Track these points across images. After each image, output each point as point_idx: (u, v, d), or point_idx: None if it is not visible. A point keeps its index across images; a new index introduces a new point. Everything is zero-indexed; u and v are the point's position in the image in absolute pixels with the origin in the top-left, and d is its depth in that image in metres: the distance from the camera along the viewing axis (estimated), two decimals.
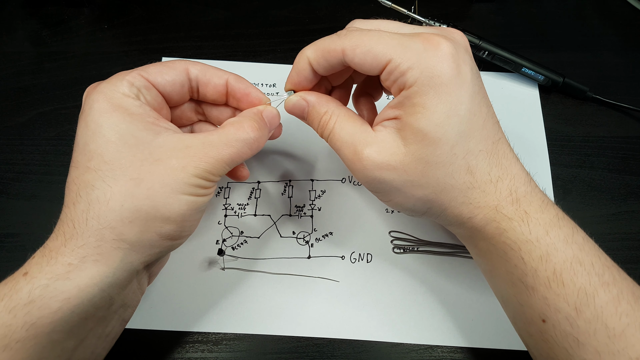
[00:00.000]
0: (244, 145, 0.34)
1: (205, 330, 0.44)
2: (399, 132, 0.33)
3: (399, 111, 0.33)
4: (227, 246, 0.48)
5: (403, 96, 0.32)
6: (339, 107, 0.36)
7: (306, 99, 0.36)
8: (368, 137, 0.33)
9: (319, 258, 0.47)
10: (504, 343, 0.44)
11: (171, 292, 0.45)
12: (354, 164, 0.34)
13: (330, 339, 0.44)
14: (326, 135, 0.36)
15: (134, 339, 0.44)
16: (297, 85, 0.37)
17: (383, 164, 0.32)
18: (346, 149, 0.34)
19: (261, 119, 0.36)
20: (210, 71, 0.37)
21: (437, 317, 0.45)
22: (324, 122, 0.36)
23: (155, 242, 0.32)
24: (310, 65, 0.35)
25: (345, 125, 0.35)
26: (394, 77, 0.32)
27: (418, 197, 0.33)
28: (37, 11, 0.62)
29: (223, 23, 0.62)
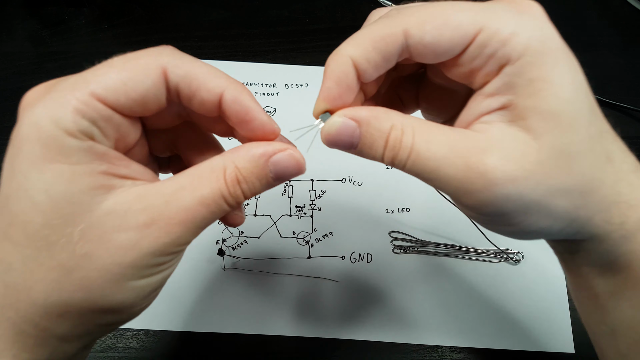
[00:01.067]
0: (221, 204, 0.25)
1: (204, 330, 0.44)
2: (515, 123, 0.24)
3: (507, 96, 0.24)
4: (227, 246, 0.48)
5: (509, 74, 0.23)
6: (403, 115, 0.26)
7: (356, 117, 0.25)
8: (479, 142, 0.24)
9: (319, 258, 0.47)
10: (504, 343, 0.44)
11: (171, 292, 0.45)
12: (472, 183, 0.23)
13: (330, 339, 0.44)
14: (403, 158, 0.25)
15: (133, 340, 0.44)
16: (336, 100, 0.26)
17: (517, 172, 0.23)
18: (450, 167, 0.24)
19: (264, 169, 0.25)
20: (198, 80, 0.25)
21: (437, 317, 0.45)
22: (394, 141, 0.25)
23: (94, 331, 0.25)
24: (356, 67, 0.25)
25: (432, 136, 0.24)
26: (489, 51, 0.23)
27: (561, 208, 0.24)
28: (37, 11, 0.62)
29: (223, 23, 0.62)
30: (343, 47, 0.25)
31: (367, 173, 0.52)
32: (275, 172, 0.26)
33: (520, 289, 0.46)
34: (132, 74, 0.24)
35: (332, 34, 0.61)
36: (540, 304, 0.45)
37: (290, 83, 0.57)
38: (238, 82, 0.26)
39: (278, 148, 0.26)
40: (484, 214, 0.25)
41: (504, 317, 0.45)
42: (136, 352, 0.43)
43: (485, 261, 0.47)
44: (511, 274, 0.47)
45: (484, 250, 0.47)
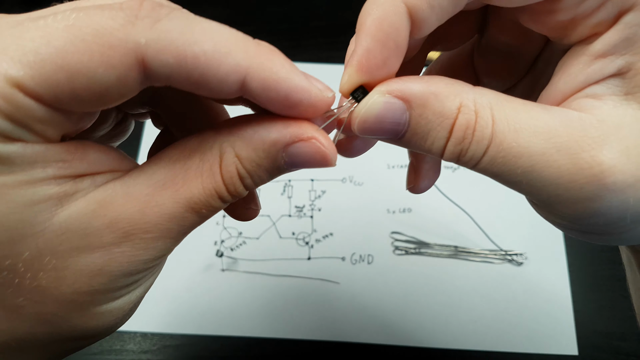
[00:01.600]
0: (214, 204, 0.19)
1: (202, 332, 0.43)
2: (632, 98, 0.18)
3: (624, 58, 0.18)
4: (225, 247, 0.47)
5: (633, 24, 0.17)
6: (473, 88, 0.19)
7: (406, 95, 0.18)
8: (589, 128, 0.17)
9: (319, 259, 0.47)
10: (507, 345, 0.43)
11: (168, 294, 0.45)
12: (581, 188, 0.17)
13: (331, 342, 0.43)
14: (477, 154, 0.18)
15: (130, 342, 0.43)
16: (379, 69, 0.18)
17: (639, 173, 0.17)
18: (549, 168, 0.17)
19: (276, 160, 0.19)
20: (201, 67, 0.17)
21: (439, 319, 0.44)
22: (464, 128, 0.18)
23: (65, 354, 0.21)
24: (412, 14, 0.18)
25: (522, 120, 0.18)
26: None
27: None
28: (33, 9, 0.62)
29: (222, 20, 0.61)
30: None
31: (368, 172, 0.51)
32: (292, 162, 0.19)
33: (523, 291, 0.45)
34: (84, 62, 0.15)
35: (332, 31, 0.61)
36: (544, 305, 0.45)
37: None
38: (266, 51, 0.18)
39: (298, 134, 0.19)
40: (586, 224, 0.19)
41: (506, 319, 0.44)
42: (133, 354, 0.43)
43: (488, 262, 0.47)
44: (514, 276, 0.46)
45: (487, 251, 0.47)
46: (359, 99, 0.18)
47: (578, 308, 0.45)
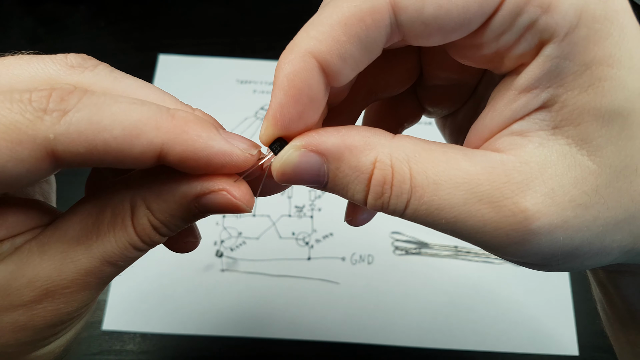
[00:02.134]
0: (130, 255, 0.20)
1: (202, 333, 0.43)
2: (563, 132, 0.17)
3: (547, 90, 0.17)
4: (225, 247, 0.47)
5: (554, 56, 0.16)
6: (391, 139, 0.18)
7: (321, 149, 0.18)
8: (511, 172, 0.17)
9: (319, 259, 0.47)
10: (508, 346, 0.43)
11: (168, 295, 0.45)
12: (507, 235, 0.17)
13: (331, 342, 0.43)
14: (399, 208, 0.18)
15: (129, 342, 0.43)
16: (294, 123, 0.18)
17: (567, 213, 0.17)
18: (473, 218, 0.17)
19: (189, 210, 0.19)
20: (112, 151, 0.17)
21: (439, 319, 0.44)
22: (381, 184, 0.18)
23: None
24: (323, 67, 0.17)
25: (441, 171, 0.17)
26: (525, 21, 0.16)
27: (617, 243, 0.18)
28: (33, 9, 0.62)
29: (221, 19, 0.61)
30: (300, 39, 0.18)
31: None
32: (205, 210, 0.19)
33: (524, 291, 0.45)
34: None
35: None
36: (544, 306, 0.45)
37: None
38: (181, 124, 0.18)
39: (208, 187, 0.19)
40: (522, 263, 0.19)
41: (507, 319, 0.44)
42: (133, 355, 0.43)
43: (488, 263, 0.47)
44: (514, 276, 0.46)
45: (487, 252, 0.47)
46: (276, 151, 0.18)
47: (578, 308, 0.45)
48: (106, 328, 0.43)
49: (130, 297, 0.45)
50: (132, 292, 0.45)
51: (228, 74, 0.57)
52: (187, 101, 0.55)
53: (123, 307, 0.44)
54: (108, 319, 0.44)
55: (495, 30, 0.16)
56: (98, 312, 0.44)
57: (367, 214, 0.26)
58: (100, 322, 0.44)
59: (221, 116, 0.58)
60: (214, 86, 0.56)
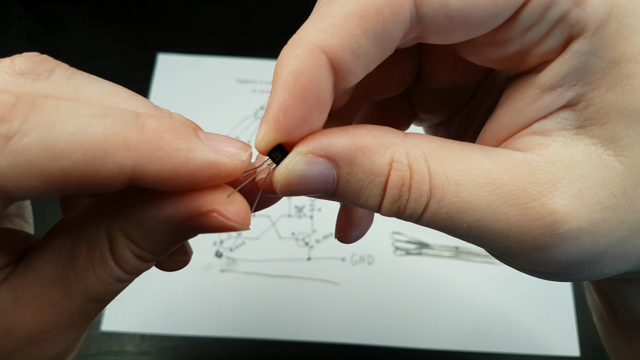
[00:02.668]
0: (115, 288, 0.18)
1: (201, 334, 0.43)
2: (588, 132, 0.16)
3: (573, 89, 0.16)
4: (225, 248, 0.47)
5: (582, 52, 0.15)
6: (404, 138, 0.17)
7: (331, 154, 0.16)
8: (537, 173, 0.16)
9: (319, 260, 0.46)
10: (509, 346, 0.43)
11: (168, 295, 0.45)
12: (534, 239, 0.16)
13: (330, 343, 0.43)
14: (417, 212, 0.17)
15: (128, 343, 0.43)
16: (298, 128, 0.16)
17: (595, 215, 0.16)
18: (497, 220, 0.16)
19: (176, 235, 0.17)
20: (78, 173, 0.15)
21: (440, 320, 0.44)
22: (398, 186, 0.16)
23: None
24: (335, 66, 0.16)
25: (462, 171, 0.16)
26: (555, 15, 0.15)
27: (638, 249, 0.17)
28: (32, 8, 0.61)
29: (221, 18, 0.61)
30: (307, 32, 0.15)
31: None
32: (197, 231, 0.17)
33: (525, 292, 0.45)
34: None
35: None
36: (545, 306, 0.45)
37: None
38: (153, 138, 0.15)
39: (195, 208, 0.16)
40: (541, 270, 0.17)
41: (508, 320, 0.44)
42: (132, 355, 0.42)
43: (489, 263, 0.46)
44: (515, 276, 0.46)
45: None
46: (277, 160, 0.16)
47: (580, 309, 0.44)
48: (105, 329, 0.43)
49: (129, 297, 0.45)
50: (131, 293, 0.45)
51: (227, 74, 0.57)
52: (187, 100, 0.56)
53: (122, 308, 0.44)
54: (107, 319, 0.44)
55: (523, 24, 0.15)
56: None
57: (360, 230, 0.23)
58: (99, 322, 0.43)
59: (221, 116, 0.58)
60: (213, 86, 0.56)
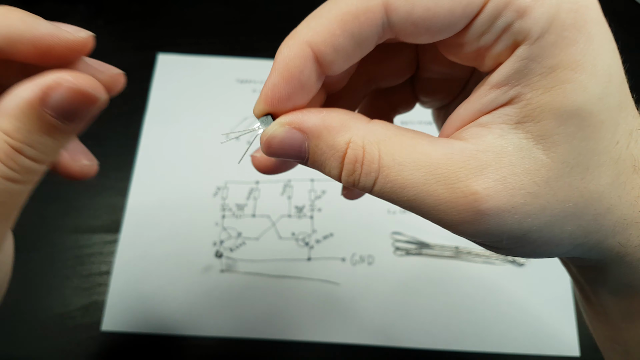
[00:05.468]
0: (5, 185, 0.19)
1: (202, 334, 0.43)
2: (523, 127, 0.18)
3: (514, 88, 0.18)
4: (225, 248, 0.47)
5: (523, 57, 0.18)
6: (366, 123, 0.20)
7: (303, 127, 0.20)
8: (468, 158, 0.19)
9: (319, 260, 0.46)
10: (509, 347, 0.43)
11: (168, 295, 0.44)
12: (459, 213, 0.19)
13: (331, 343, 0.43)
14: (367, 184, 0.20)
15: (131, 343, 0.43)
16: (282, 102, 0.20)
17: (516, 200, 0.18)
18: (430, 196, 0.19)
19: (44, 118, 0.19)
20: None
21: (439, 321, 0.44)
22: (353, 162, 0.20)
23: None
24: (316, 56, 0.19)
25: (406, 155, 0.19)
26: (502, 24, 0.18)
27: (567, 234, 0.19)
28: (31, 8, 0.61)
29: (221, 18, 0.61)
30: (301, 28, 0.19)
31: None
32: (61, 114, 0.19)
33: (525, 292, 0.45)
34: None
35: None
36: (545, 306, 0.45)
37: None
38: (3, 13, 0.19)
39: (45, 84, 0.18)
40: (476, 242, 0.21)
41: (508, 320, 0.44)
42: (132, 356, 0.42)
43: (490, 263, 0.46)
44: (515, 277, 0.46)
45: (488, 252, 0.47)
46: (266, 125, 0.21)
47: (580, 309, 0.44)
48: (105, 329, 0.43)
49: (129, 298, 0.44)
50: (131, 294, 0.45)
51: (228, 74, 0.57)
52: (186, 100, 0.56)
53: (122, 308, 0.44)
54: (107, 320, 0.43)
55: (476, 31, 0.18)
56: (97, 313, 0.44)
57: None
58: (99, 323, 0.43)
59: (221, 115, 0.58)
60: (213, 85, 0.56)
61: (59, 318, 0.44)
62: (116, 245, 0.46)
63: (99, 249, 0.46)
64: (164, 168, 0.50)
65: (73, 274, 0.46)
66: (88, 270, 0.46)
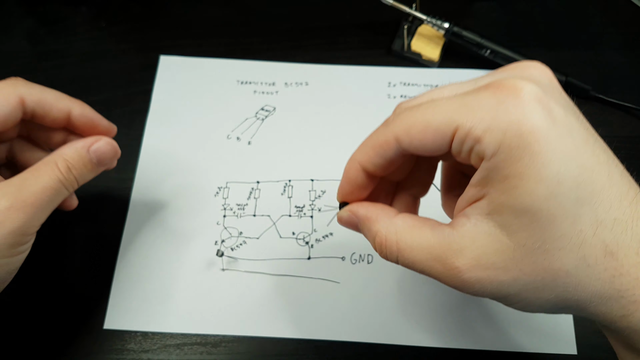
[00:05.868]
0: (60, 188, 0.33)
1: (203, 332, 0.44)
2: (491, 218, 0.24)
3: (484, 189, 0.24)
4: (226, 247, 0.47)
5: (486, 169, 0.24)
6: (392, 218, 0.28)
7: (356, 214, 0.30)
8: (452, 242, 0.25)
9: (319, 259, 0.47)
10: (506, 345, 0.43)
11: (169, 293, 0.45)
12: (451, 280, 0.26)
13: (331, 341, 0.43)
14: (393, 260, 0.28)
15: (130, 341, 0.43)
16: (350, 195, 0.30)
17: (489, 273, 0.24)
18: (431, 269, 0.26)
19: (87, 156, 0.35)
20: (49, 101, 0.35)
21: (438, 318, 0.44)
22: (380, 244, 0.28)
23: None
24: (363, 169, 0.29)
25: (413, 240, 0.27)
26: (467, 147, 0.24)
27: (546, 299, 0.25)
28: (34, 9, 0.62)
29: (222, 20, 0.61)
30: (355, 153, 0.29)
31: None
32: (97, 157, 0.36)
33: None
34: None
35: (332, 31, 0.61)
36: None
37: (289, 81, 0.57)
38: (80, 101, 0.37)
39: (96, 139, 0.36)
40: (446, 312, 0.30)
41: (505, 318, 0.44)
42: (134, 353, 0.43)
43: None
44: None
45: None
46: (340, 208, 0.32)
47: None
48: (107, 327, 0.44)
49: (131, 296, 0.45)
50: (133, 292, 0.45)
51: (228, 75, 0.57)
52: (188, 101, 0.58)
53: (124, 307, 0.44)
54: (109, 318, 0.44)
55: (455, 150, 0.25)
56: (99, 311, 0.44)
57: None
58: (101, 321, 0.44)
59: (222, 116, 0.58)
60: (214, 87, 0.56)
61: (61, 316, 0.44)
62: (119, 243, 0.47)
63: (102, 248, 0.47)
64: (166, 168, 0.51)
65: (76, 272, 0.46)
66: (90, 268, 0.46)
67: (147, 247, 0.47)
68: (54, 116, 0.35)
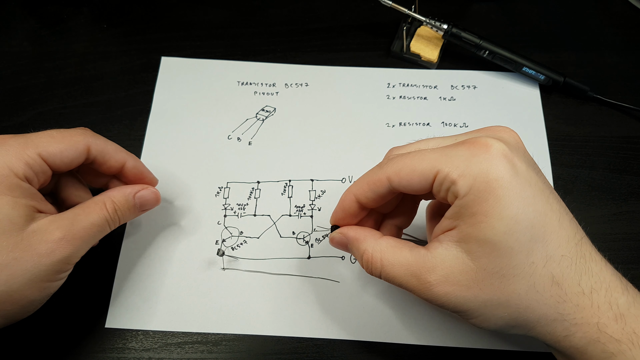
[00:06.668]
0: (105, 226, 0.38)
1: (204, 330, 0.44)
2: (459, 245, 0.30)
3: (455, 221, 0.30)
4: (226, 246, 0.48)
5: (458, 206, 0.29)
6: (377, 239, 0.34)
7: (347, 236, 0.36)
8: (426, 262, 0.31)
9: (318, 258, 0.47)
10: (504, 343, 0.43)
11: (170, 292, 0.45)
12: (423, 293, 0.31)
13: (330, 339, 0.44)
14: (377, 275, 0.33)
15: (132, 340, 0.44)
16: (341, 220, 0.36)
17: (454, 288, 0.30)
18: (408, 283, 0.32)
19: (132, 202, 0.40)
20: (110, 152, 0.39)
21: (437, 317, 0.45)
22: (367, 261, 0.33)
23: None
24: (358, 200, 0.34)
25: (394, 258, 0.32)
26: (445, 187, 0.30)
27: (500, 316, 0.30)
28: (36, 10, 0.62)
29: (222, 22, 0.62)
30: (351, 186, 0.35)
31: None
32: (140, 203, 0.41)
33: None
34: (66, 148, 0.36)
35: (331, 33, 0.61)
36: None
37: (290, 82, 0.57)
38: (134, 155, 0.42)
39: (142, 187, 0.41)
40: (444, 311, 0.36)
41: None
42: (135, 352, 0.43)
43: None
44: None
45: None
46: (332, 230, 0.38)
47: None
48: (108, 326, 0.44)
49: (132, 295, 0.45)
50: (135, 291, 0.45)
51: (229, 76, 0.57)
52: (189, 102, 0.59)
53: (125, 306, 0.45)
54: (110, 317, 0.44)
55: (436, 190, 0.31)
56: (101, 310, 0.44)
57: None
58: (103, 320, 0.44)
59: (222, 117, 0.58)
60: (215, 88, 0.56)
61: (63, 315, 0.44)
62: (120, 243, 0.47)
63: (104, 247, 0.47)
64: (167, 168, 0.51)
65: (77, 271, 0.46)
66: (92, 268, 0.46)
67: (148, 246, 0.47)
68: (110, 165, 0.40)
